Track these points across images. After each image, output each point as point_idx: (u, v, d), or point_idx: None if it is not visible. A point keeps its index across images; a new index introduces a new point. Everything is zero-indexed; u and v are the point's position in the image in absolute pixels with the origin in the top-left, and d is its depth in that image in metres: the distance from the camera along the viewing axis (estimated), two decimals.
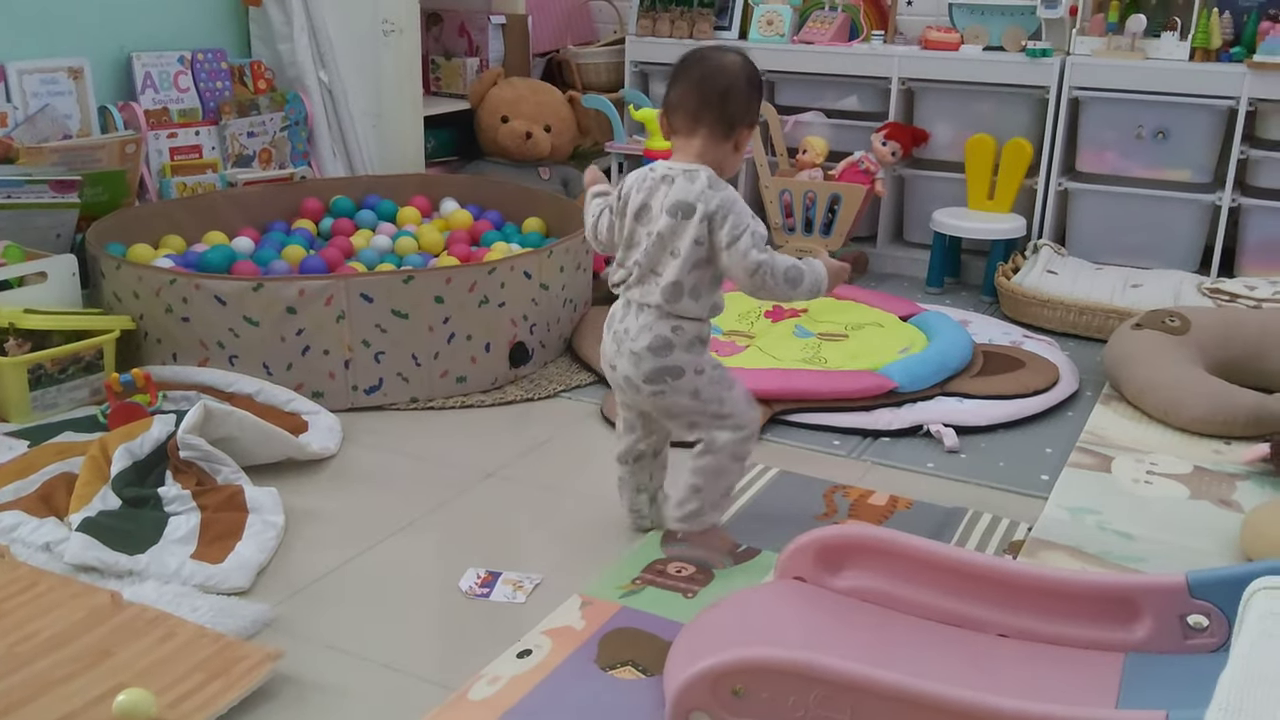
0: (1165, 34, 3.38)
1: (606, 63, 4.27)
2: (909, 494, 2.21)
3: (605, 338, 1.89)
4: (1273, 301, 2.97)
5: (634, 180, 1.83)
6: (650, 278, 1.80)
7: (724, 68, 1.79)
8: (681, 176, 1.77)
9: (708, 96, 1.77)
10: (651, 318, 1.80)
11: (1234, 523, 2.07)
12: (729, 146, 1.80)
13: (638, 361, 1.82)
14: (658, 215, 1.78)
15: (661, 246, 1.78)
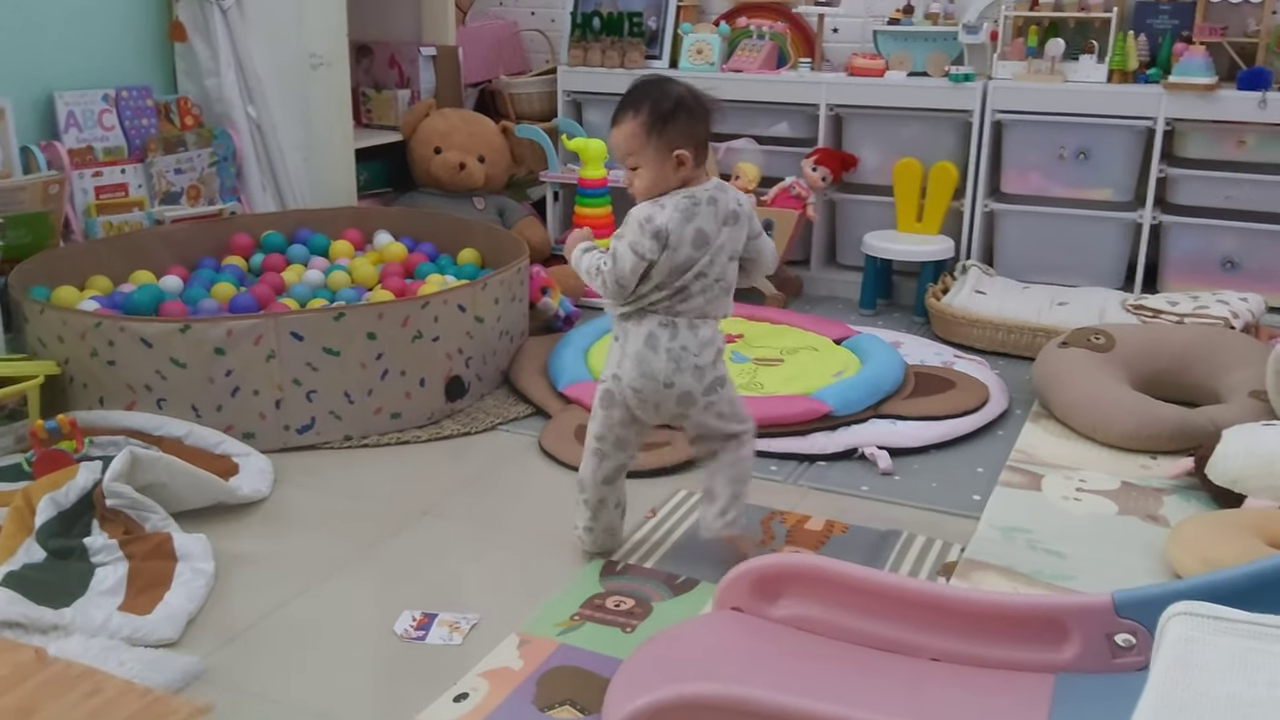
0: (1083, 57, 3.47)
1: (539, 92, 4.28)
2: (845, 518, 2.23)
3: (649, 359, 1.91)
4: (1194, 317, 3.05)
5: (670, 216, 1.86)
6: (714, 287, 1.91)
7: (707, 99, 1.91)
8: (715, 190, 1.91)
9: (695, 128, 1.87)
10: (711, 331, 1.94)
11: (1162, 538, 2.11)
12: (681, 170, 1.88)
13: (701, 375, 1.92)
14: (716, 231, 1.90)
15: (723, 255, 1.91)
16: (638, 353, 1.91)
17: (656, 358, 1.90)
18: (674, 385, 1.91)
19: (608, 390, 1.97)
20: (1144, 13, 3.50)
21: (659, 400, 1.93)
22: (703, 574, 1.98)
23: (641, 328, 1.92)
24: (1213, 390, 2.74)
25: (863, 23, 3.97)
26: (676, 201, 1.87)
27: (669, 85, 1.89)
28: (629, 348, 1.93)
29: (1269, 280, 3.36)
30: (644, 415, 1.97)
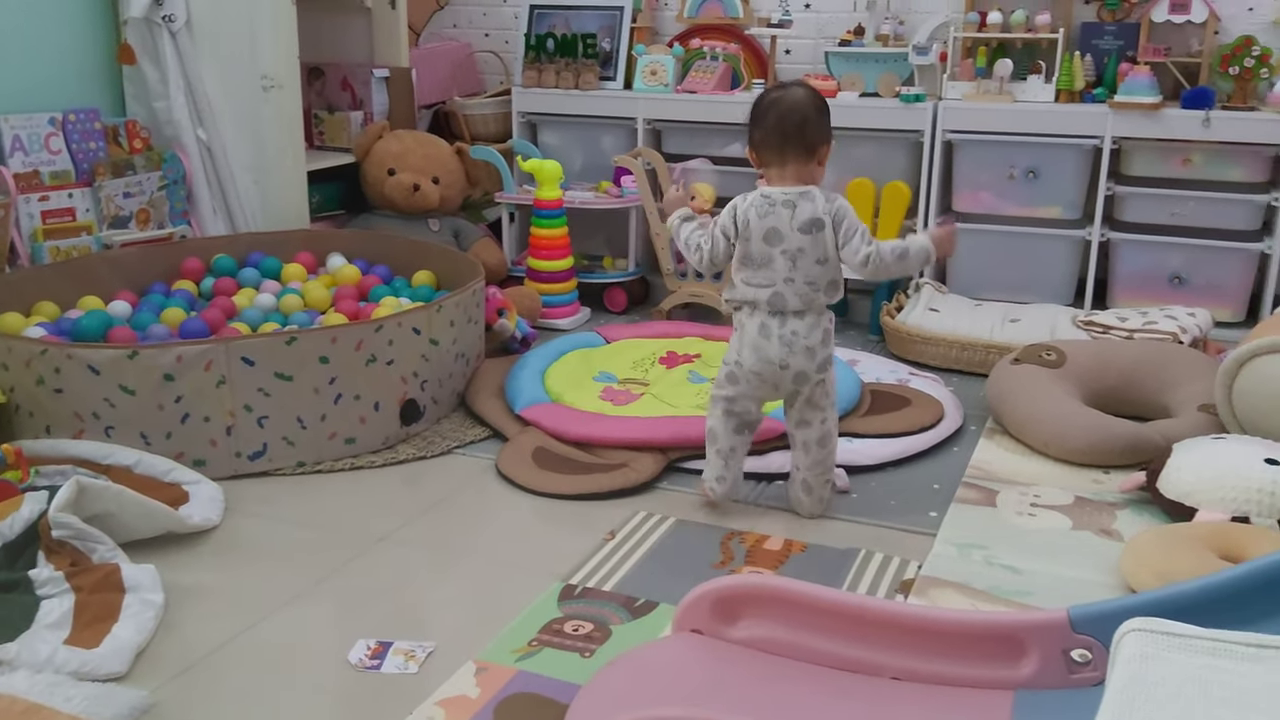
0: (1031, 77, 3.52)
1: (494, 113, 4.27)
2: (804, 537, 2.23)
3: (764, 346, 2.18)
4: (1143, 332, 3.09)
5: (751, 208, 2.15)
6: (806, 289, 2.15)
7: (793, 105, 2.14)
8: (799, 199, 2.13)
9: (787, 132, 2.13)
10: (815, 316, 2.18)
11: (1116, 552, 2.13)
12: (814, 165, 2.16)
13: (812, 355, 2.18)
14: (790, 234, 2.13)
15: (807, 260, 2.13)
16: (754, 341, 2.19)
17: (771, 344, 2.17)
18: (789, 366, 2.18)
19: (730, 373, 2.26)
20: (1090, 33, 3.57)
21: (777, 380, 2.21)
22: (662, 596, 1.96)
23: (754, 320, 2.19)
24: (1163, 405, 2.78)
25: (814, 44, 4.00)
26: (754, 198, 2.15)
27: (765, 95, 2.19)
28: (746, 338, 2.20)
29: (1216, 295, 3.42)
30: (764, 394, 2.25)
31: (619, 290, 3.89)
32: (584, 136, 4.12)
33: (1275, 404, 2.44)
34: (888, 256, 2.15)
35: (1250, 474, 2.19)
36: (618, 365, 3.06)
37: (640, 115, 3.94)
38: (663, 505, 2.36)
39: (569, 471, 2.45)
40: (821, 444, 2.27)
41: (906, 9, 3.83)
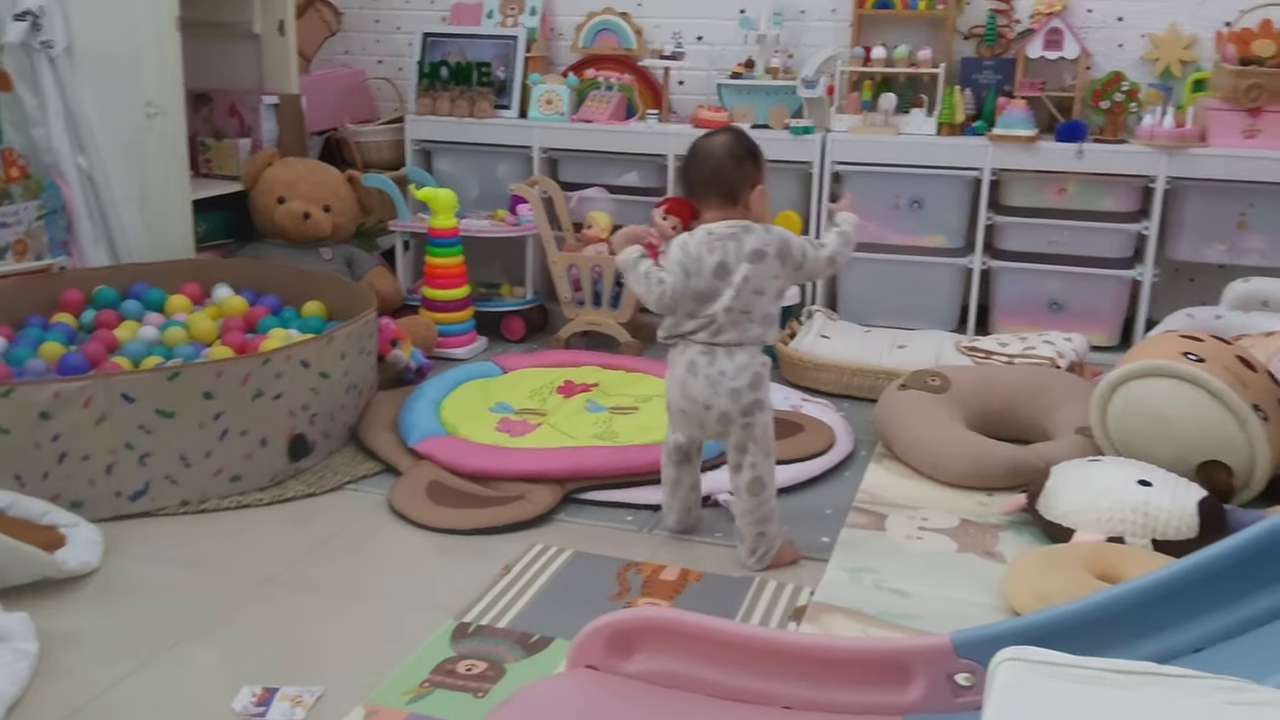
0: (914, 110, 3.63)
1: (387, 140, 4.23)
2: (699, 566, 2.25)
3: (690, 384, 2.18)
4: (1023, 357, 3.20)
5: (701, 244, 2.16)
6: (742, 319, 2.15)
7: (709, 154, 2.20)
8: (742, 231, 2.16)
9: (703, 179, 2.20)
10: (747, 356, 2.17)
11: (999, 573, 2.20)
12: (744, 208, 2.19)
13: (737, 397, 2.16)
14: (737, 265, 2.14)
15: (747, 289, 2.14)
16: (680, 379, 2.19)
17: (696, 382, 2.17)
18: (712, 407, 2.16)
19: (667, 405, 2.27)
20: (969, 68, 3.70)
21: (702, 419, 2.20)
22: (558, 631, 1.96)
23: (683, 356, 2.19)
24: (1042, 428, 2.88)
25: (707, 75, 4.07)
26: (701, 235, 2.18)
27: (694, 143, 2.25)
28: (674, 375, 2.21)
29: (1091, 320, 3.57)
30: (693, 432, 2.25)
31: (517, 319, 3.87)
32: (479, 164, 4.11)
33: (1147, 427, 2.55)
34: (839, 245, 2.26)
35: (1124, 496, 2.27)
36: (515, 395, 3.05)
37: (536, 144, 3.95)
38: (560, 537, 2.35)
39: (464, 505, 2.43)
40: (751, 491, 2.21)
41: (795, 43, 3.92)
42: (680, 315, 2.20)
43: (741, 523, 2.25)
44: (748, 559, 2.25)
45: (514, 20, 4.11)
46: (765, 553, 2.24)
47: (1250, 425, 2.45)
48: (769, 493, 2.23)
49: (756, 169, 2.22)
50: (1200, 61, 3.60)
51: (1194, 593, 1.52)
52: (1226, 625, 1.50)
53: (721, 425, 2.19)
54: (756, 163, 2.22)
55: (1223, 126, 3.35)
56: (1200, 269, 3.66)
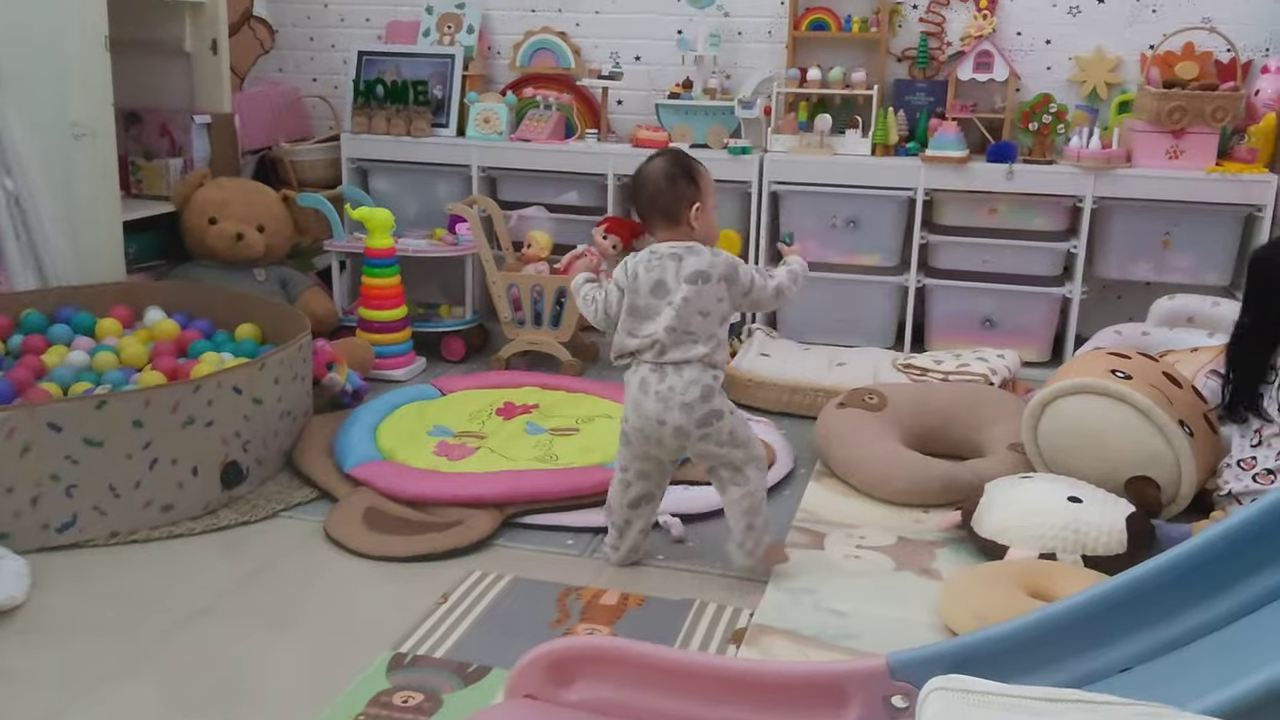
0: (849, 131, 3.68)
1: (323, 159, 4.19)
2: (640, 589, 2.25)
3: (643, 401, 2.20)
4: (957, 374, 3.25)
5: (640, 263, 2.21)
6: (685, 339, 2.17)
7: (646, 176, 2.23)
8: (685, 252, 2.18)
9: (644, 203, 2.23)
10: (696, 371, 2.18)
11: (935, 591, 2.22)
12: (686, 227, 2.21)
13: (689, 411, 2.17)
14: (676, 286, 2.16)
15: (689, 309, 2.15)
16: (634, 398, 2.21)
17: (648, 400, 2.19)
18: (665, 423, 2.18)
19: (623, 433, 2.27)
20: (902, 90, 3.76)
21: (660, 436, 2.20)
22: (496, 660, 1.94)
23: (636, 376, 2.22)
24: (976, 444, 2.92)
25: (645, 95, 4.09)
26: (644, 254, 2.21)
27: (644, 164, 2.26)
28: (629, 395, 2.23)
29: (1023, 337, 3.63)
30: (653, 450, 2.25)
31: (456, 339, 3.85)
32: (417, 183, 4.09)
33: (1076, 443, 2.60)
34: (787, 282, 2.28)
35: (1055, 512, 2.32)
36: (453, 418, 3.03)
37: (474, 162, 3.94)
38: (499, 563, 2.34)
39: (401, 532, 2.41)
40: (734, 483, 2.24)
41: (732, 64, 3.96)
42: (623, 334, 2.23)
43: (732, 517, 2.26)
44: (739, 557, 2.27)
45: (451, 39, 4.10)
46: (755, 546, 2.25)
47: (1176, 441, 2.51)
48: (753, 484, 2.24)
49: (693, 187, 2.22)
50: (1126, 84, 3.70)
51: (1122, 612, 1.55)
52: (1153, 644, 1.53)
53: (678, 440, 2.20)
54: (693, 181, 2.22)
55: (1147, 147, 3.44)
56: (1127, 286, 3.75)
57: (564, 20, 4.11)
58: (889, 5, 3.74)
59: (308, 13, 4.40)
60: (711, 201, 2.26)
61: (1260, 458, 2.43)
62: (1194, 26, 3.50)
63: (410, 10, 4.22)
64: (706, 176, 2.26)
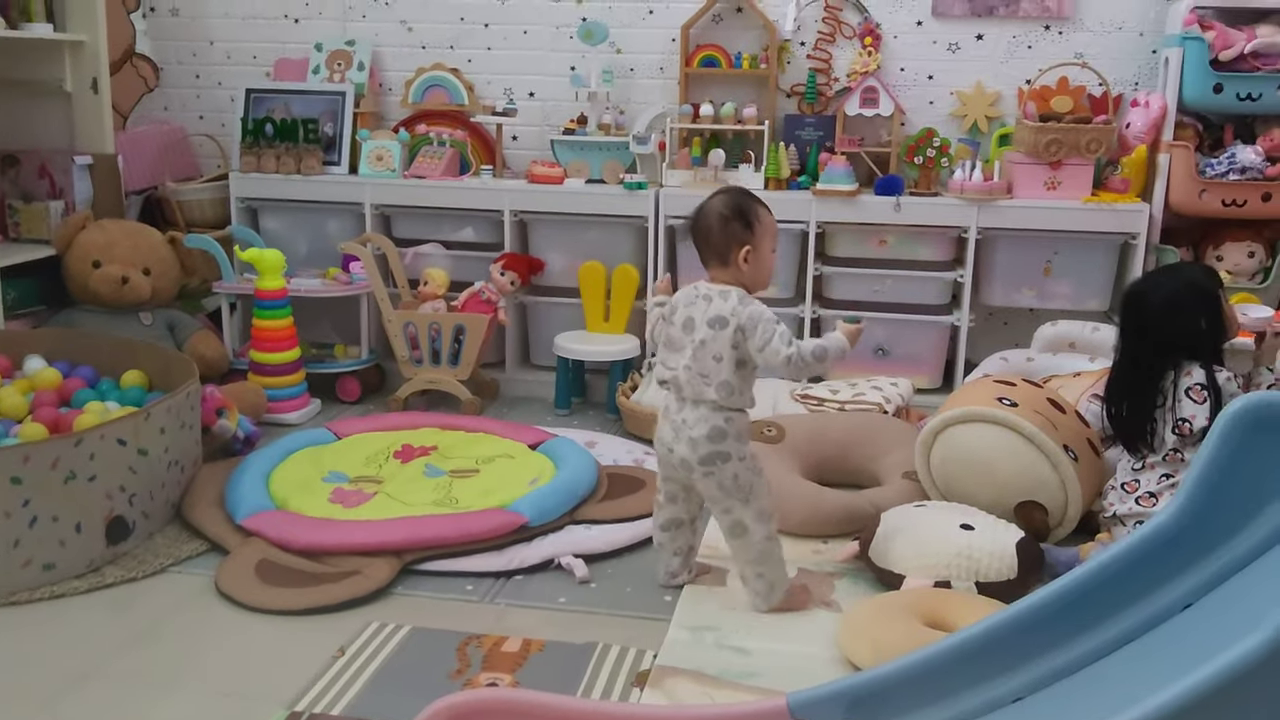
0: (742, 166, 3.73)
1: (211, 199, 4.10)
2: (542, 634, 2.22)
3: (663, 425, 2.28)
4: (853, 403, 3.31)
5: (682, 296, 2.27)
6: (698, 380, 2.20)
7: (701, 214, 2.24)
8: (718, 296, 2.21)
9: (698, 241, 2.25)
10: (707, 410, 2.20)
11: (836, 624, 2.24)
12: (736, 269, 2.21)
13: (694, 446, 2.21)
14: (700, 326, 2.20)
15: (705, 353, 2.19)
16: (660, 420, 2.29)
17: (665, 425, 2.26)
18: (674, 451, 2.24)
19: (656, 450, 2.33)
20: (792, 125, 3.83)
21: (672, 462, 2.27)
22: (395, 715, 1.90)
23: (666, 400, 2.28)
24: (873, 473, 2.98)
25: (540, 131, 4.09)
26: (689, 287, 2.27)
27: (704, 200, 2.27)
28: (659, 417, 2.29)
29: (915, 365, 3.72)
30: (674, 476, 2.31)
31: (352, 379, 3.79)
32: (309, 222, 4.02)
33: (967, 470, 2.67)
34: (808, 356, 2.18)
35: (948, 540, 2.37)
36: (349, 463, 2.97)
37: (367, 200, 3.89)
38: (397, 613, 2.29)
39: (296, 584, 2.35)
40: (732, 534, 2.27)
41: (625, 99, 3.99)
42: (659, 362, 2.29)
43: (739, 566, 2.31)
44: (757, 603, 2.30)
45: (341, 76, 4.05)
46: (769, 592, 2.28)
47: (1062, 466, 2.59)
48: (754, 537, 2.25)
49: (746, 230, 2.20)
50: (1005, 117, 3.83)
51: (1012, 643, 1.58)
52: (1044, 673, 1.57)
53: (684, 471, 2.25)
54: (747, 224, 2.20)
55: (1026, 179, 3.56)
56: (1012, 313, 3.87)
57: (456, 57, 4.09)
58: (778, 43, 3.81)
59: (193, 50, 4.30)
60: (768, 245, 2.24)
61: (1144, 481, 2.52)
62: (1067, 62, 3.64)
63: (299, 47, 4.16)
64: (765, 219, 2.23)
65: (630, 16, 3.96)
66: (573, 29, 3.95)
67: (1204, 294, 2.49)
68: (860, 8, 3.81)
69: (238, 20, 4.24)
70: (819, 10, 3.83)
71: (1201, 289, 2.50)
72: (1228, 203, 3.46)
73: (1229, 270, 3.54)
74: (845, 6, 3.82)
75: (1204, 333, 2.48)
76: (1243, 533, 1.46)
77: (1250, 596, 1.40)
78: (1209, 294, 2.50)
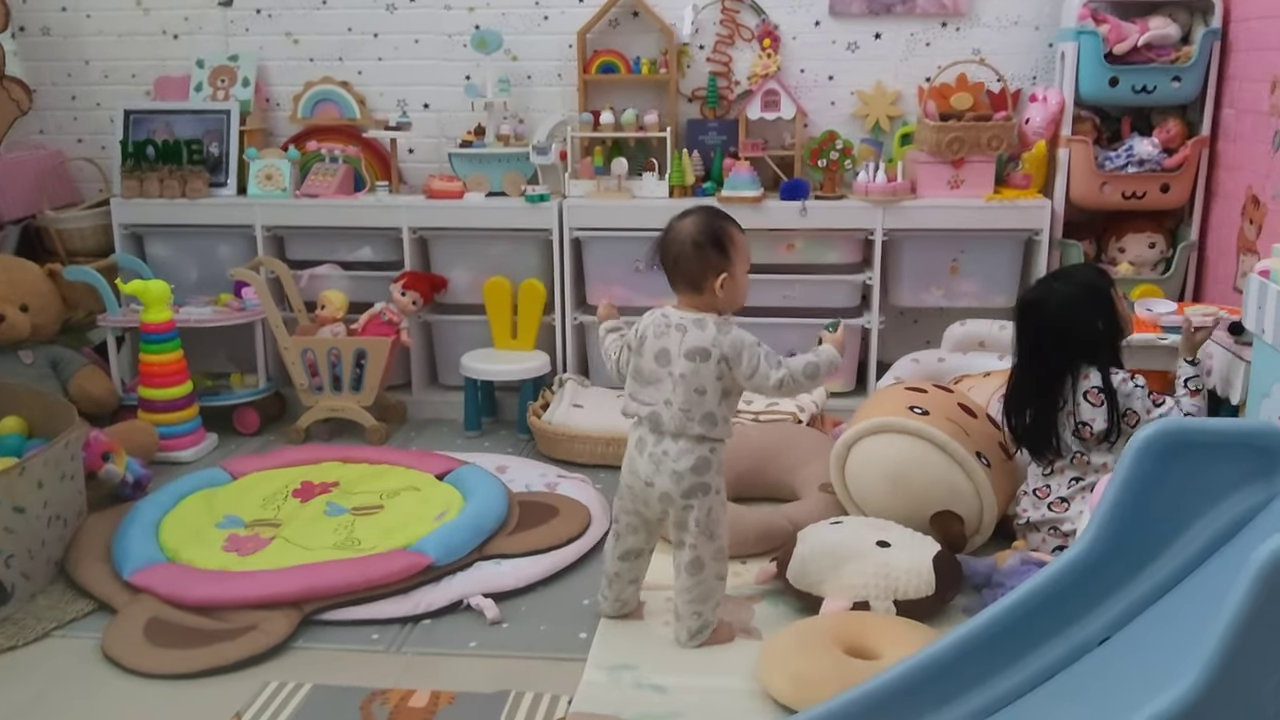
0: (646, 174, 3.66)
1: (92, 226, 3.90)
2: (452, 684, 2.13)
3: (638, 460, 2.18)
4: (767, 414, 3.26)
5: (649, 324, 2.18)
6: (682, 417, 2.12)
7: (671, 239, 2.14)
8: (692, 325, 2.12)
9: (668, 266, 2.16)
10: (690, 443, 2.13)
11: (756, 653, 2.18)
12: (710, 295, 2.12)
13: (679, 479, 2.14)
14: (676, 359, 2.11)
15: (688, 386, 2.11)
16: (630, 455, 2.20)
17: (641, 459, 2.17)
18: (653, 485, 2.16)
19: (621, 483, 2.25)
20: (695, 130, 3.76)
21: (646, 498, 2.19)
22: None
23: (636, 432, 2.19)
24: (791, 486, 2.93)
25: (437, 144, 3.97)
26: (656, 315, 2.18)
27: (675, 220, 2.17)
28: (627, 451, 2.21)
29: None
30: (642, 511, 2.23)
31: (250, 410, 3.64)
32: (198, 247, 3.85)
33: (882, 482, 2.63)
34: (800, 376, 2.13)
35: (865, 559, 2.33)
36: (245, 505, 2.83)
37: (258, 222, 3.73)
38: (297, 670, 2.18)
39: (188, 645, 2.21)
40: (689, 570, 2.19)
41: (524, 109, 3.89)
42: (628, 396, 2.20)
43: (679, 600, 2.23)
44: (683, 638, 2.23)
45: (225, 93, 3.88)
46: (699, 631, 2.22)
47: (975, 473, 2.57)
48: (708, 574, 2.19)
49: (722, 257, 2.12)
50: (906, 116, 3.81)
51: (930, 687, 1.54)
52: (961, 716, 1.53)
53: (663, 505, 2.18)
54: (721, 250, 2.12)
55: (930, 178, 3.54)
56: (922, 313, 3.86)
57: (345, 69, 3.95)
58: (676, 46, 3.74)
59: (68, 70, 4.09)
60: (743, 268, 2.16)
61: (1054, 486, 2.51)
62: (966, 59, 3.63)
63: (180, 64, 3.98)
64: (739, 241, 2.15)
65: (525, 23, 3.86)
66: (466, 37, 3.84)
67: (1099, 296, 2.49)
68: (758, 9, 3.75)
69: (114, 38, 4.04)
70: (716, 13, 3.76)
71: (1096, 290, 2.49)
72: (1128, 195, 3.48)
73: (1131, 262, 3.57)
74: (743, 8, 3.77)
75: (1101, 334, 2.48)
76: (1156, 562, 1.44)
77: (1165, 631, 1.36)
78: (1103, 295, 2.49)
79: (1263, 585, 1.11)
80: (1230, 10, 3.35)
